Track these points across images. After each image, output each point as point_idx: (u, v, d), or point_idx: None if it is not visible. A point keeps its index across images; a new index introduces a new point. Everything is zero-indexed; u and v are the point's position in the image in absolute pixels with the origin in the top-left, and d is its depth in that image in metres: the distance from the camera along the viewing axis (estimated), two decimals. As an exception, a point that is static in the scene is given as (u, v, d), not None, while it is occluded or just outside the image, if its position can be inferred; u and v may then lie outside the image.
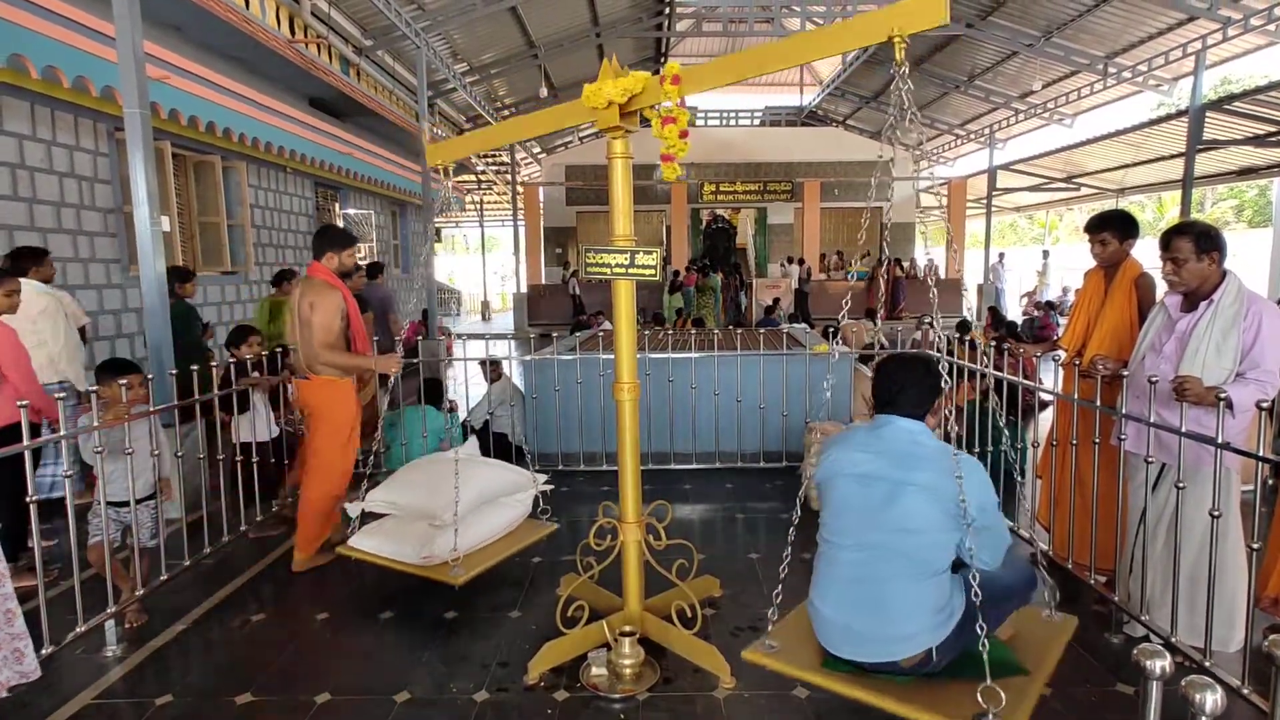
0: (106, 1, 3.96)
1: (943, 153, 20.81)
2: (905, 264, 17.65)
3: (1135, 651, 0.80)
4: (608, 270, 2.65)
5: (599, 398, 4.98)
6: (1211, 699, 0.69)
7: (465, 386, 6.03)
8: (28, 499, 2.53)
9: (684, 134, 2.35)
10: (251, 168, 8.02)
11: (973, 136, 18.31)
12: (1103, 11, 10.81)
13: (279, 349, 4.23)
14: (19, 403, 2.50)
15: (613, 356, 2.80)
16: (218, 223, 7.49)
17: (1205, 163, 11.99)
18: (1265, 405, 2.09)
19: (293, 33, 8.47)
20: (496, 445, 5.20)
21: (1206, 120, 9.95)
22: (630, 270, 2.63)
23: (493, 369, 5.71)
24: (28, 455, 2.55)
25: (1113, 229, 2.94)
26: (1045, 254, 17.96)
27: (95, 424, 2.76)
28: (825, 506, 2.10)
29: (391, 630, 2.97)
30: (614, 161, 2.61)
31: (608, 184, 2.66)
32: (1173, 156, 11.81)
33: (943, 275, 18.09)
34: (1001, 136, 17.30)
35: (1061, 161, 15.25)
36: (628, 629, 2.59)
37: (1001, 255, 16.94)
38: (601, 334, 6.74)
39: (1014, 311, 14.96)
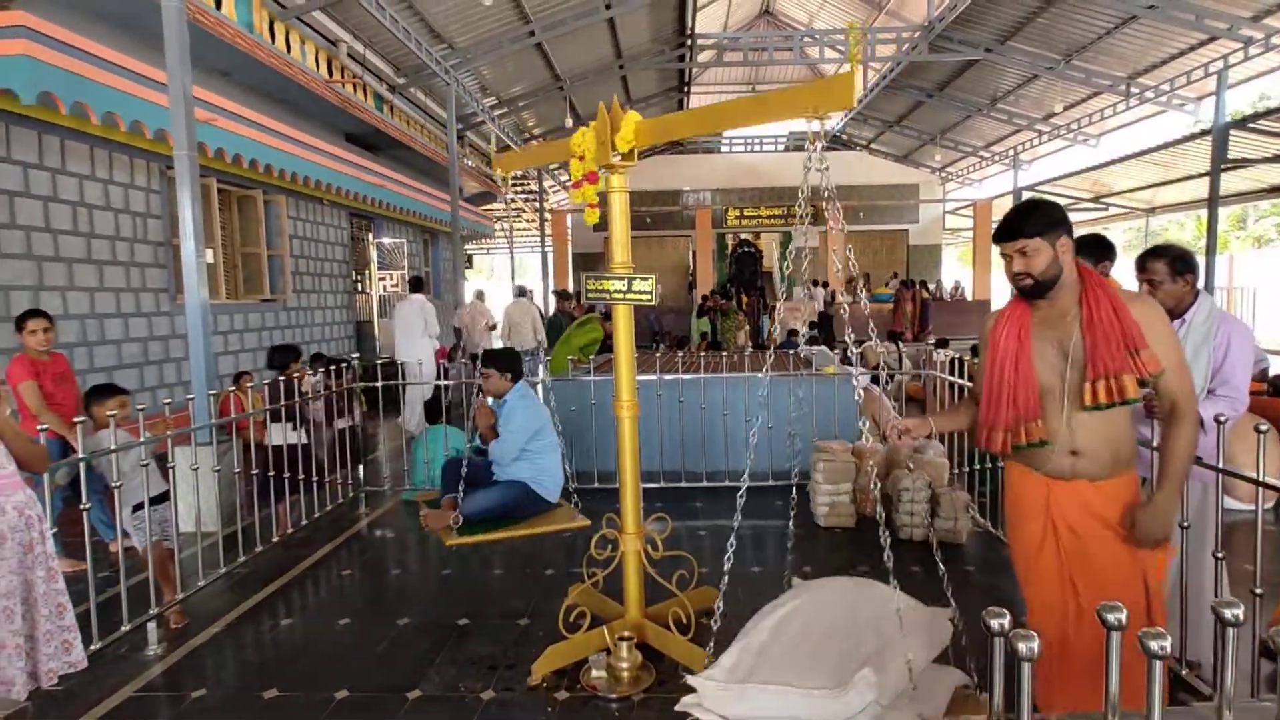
0: (160, 51, 4.36)
1: (968, 174, 20.77)
2: (931, 286, 17.60)
3: (983, 613, 0.93)
4: (607, 295, 2.84)
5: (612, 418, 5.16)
6: (1027, 647, 0.83)
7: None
8: (81, 507, 2.79)
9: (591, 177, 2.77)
10: (291, 201, 8.47)
11: (997, 158, 18.27)
12: (1122, 34, 10.84)
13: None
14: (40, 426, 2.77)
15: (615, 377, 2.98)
16: (258, 253, 7.91)
17: (1237, 181, 11.86)
18: (1224, 420, 2.18)
19: (330, 73, 8.96)
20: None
21: (1234, 139, 9.90)
22: (628, 295, 2.82)
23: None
24: (83, 468, 2.82)
25: (1085, 253, 3.04)
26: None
27: (140, 440, 3.02)
28: None
29: (408, 634, 3.16)
30: (613, 195, 2.81)
31: (608, 215, 2.86)
32: (1200, 175, 11.71)
33: (969, 297, 18.00)
34: (1026, 158, 17.26)
35: (1088, 182, 15.17)
36: (626, 634, 2.74)
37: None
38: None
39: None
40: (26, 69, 4.24)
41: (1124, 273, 3.54)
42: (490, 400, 3.94)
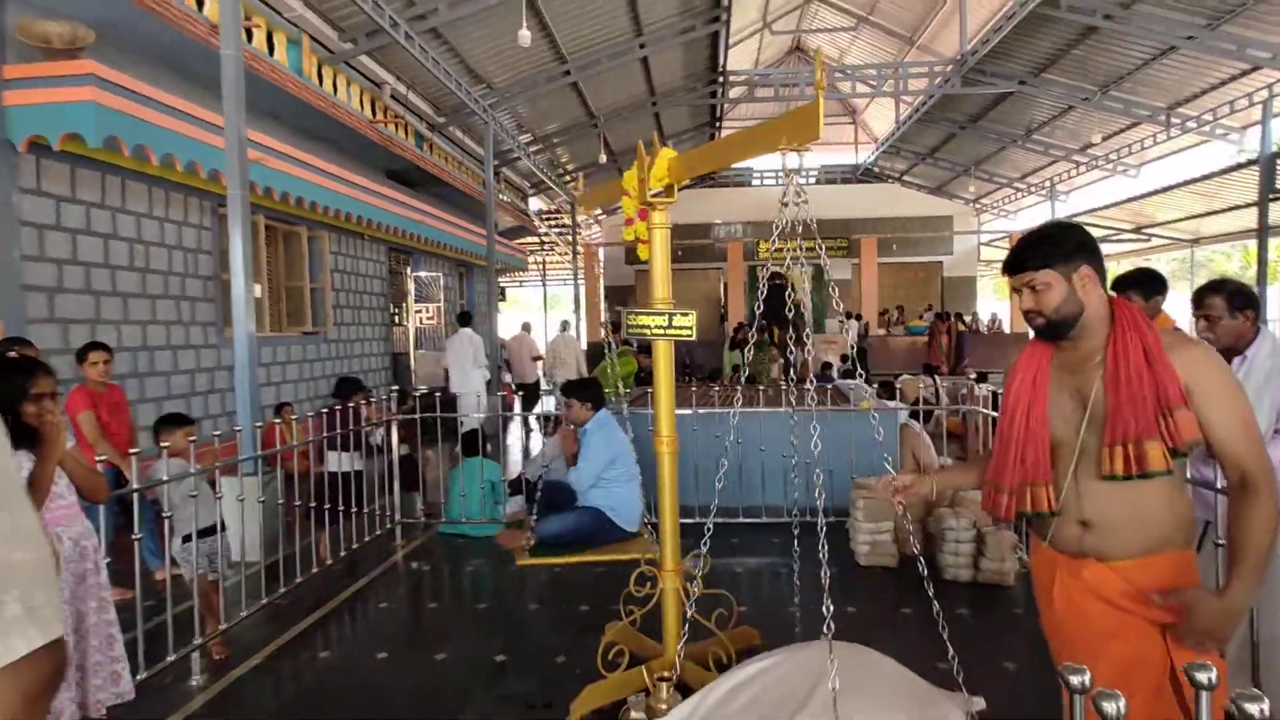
0: (214, 92, 4.56)
1: (1003, 206, 20.56)
2: (968, 318, 17.34)
3: (1060, 668, 0.88)
4: (647, 330, 2.85)
5: (649, 453, 5.13)
6: (1114, 707, 0.78)
7: (526, 439, 6.29)
8: (133, 536, 2.86)
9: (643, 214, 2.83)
10: (333, 236, 8.71)
11: (1033, 189, 18.07)
12: (1161, 64, 10.73)
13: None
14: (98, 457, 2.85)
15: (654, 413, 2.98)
16: (301, 287, 8.13)
17: (1284, 211, 11.54)
18: (1293, 461, 2.09)
19: (374, 113, 9.27)
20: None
21: (1280, 168, 9.66)
22: (668, 330, 2.82)
23: (550, 424, 5.97)
24: (136, 500, 2.89)
25: (1136, 289, 2.97)
26: (1117, 306, 17.35)
27: (192, 470, 3.09)
28: None
29: (445, 669, 3.14)
30: (654, 231, 2.84)
31: (649, 251, 2.88)
32: (1247, 205, 11.43)
33: (1007, 329, 17.69)
34: (1064, 189, 17.04)
35: (1129, 212, 14.90)
36: (665, 674, 2.69)
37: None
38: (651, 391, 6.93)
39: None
40: (94, 114, 4.46)
41: (1177, 307, 3.45)
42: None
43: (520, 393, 9.80)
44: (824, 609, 1.97)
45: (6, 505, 0.65)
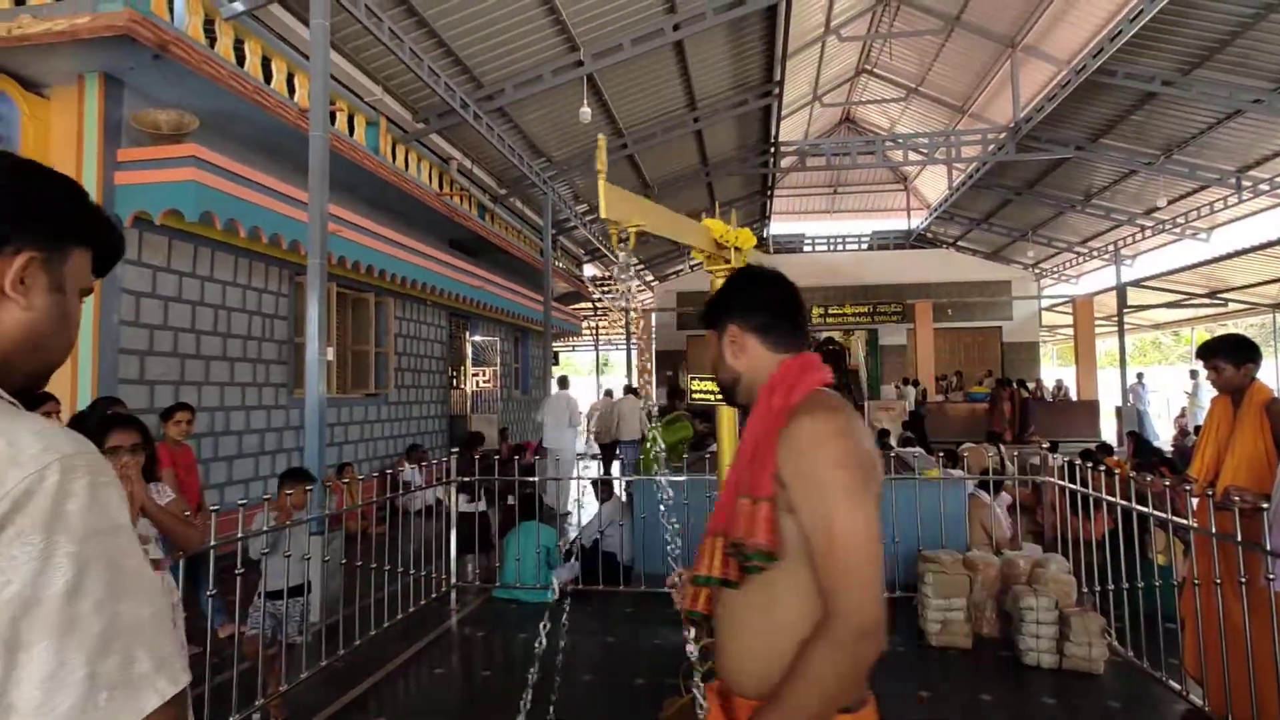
0: (296, 169, 4.88)
1: (1064, 270, 20.12)
2: (1031, 385, 16.77)
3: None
4: (712, 396, 2.86)
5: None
6: None
7: (578, 505, 6.28)
8: (208, 593, 2.93)
9: None
10: (398, 302, 9.07)
11: (1095, 254, 17.66)
12: (1227, 128, 10.53)
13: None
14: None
15: (717, 478, 2.95)
16: (367, 350, 8.44)
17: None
18: None
19: (441, 187, 9.77)
20: (606, 564, 5.33)
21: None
22: (732, 397, 2.83)
23: (603, 489, 5.95)
24: (211, 555, 2.98)
25: (1224, 356, 2.85)
26: (1194, 374, 16.54)
27: (266, 526, 3.18)
28: None
29: (501, 742, 3.06)
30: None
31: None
32: (1332, 269, 10.92)
33: (1074, 396, 17.01)
34: (1129, 252, 16.60)
35: (1201, 276, 14.35)
36: (731, 757, 2.57)
37: (1140, 375, 15.81)
38: (709, 455, 6.86)
39: (1164, 435, 13.72)
40: (193, 192, 4.83)
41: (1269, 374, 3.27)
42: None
43: (601, 455, 10.15)
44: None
45: (129, 558, 0.66)
